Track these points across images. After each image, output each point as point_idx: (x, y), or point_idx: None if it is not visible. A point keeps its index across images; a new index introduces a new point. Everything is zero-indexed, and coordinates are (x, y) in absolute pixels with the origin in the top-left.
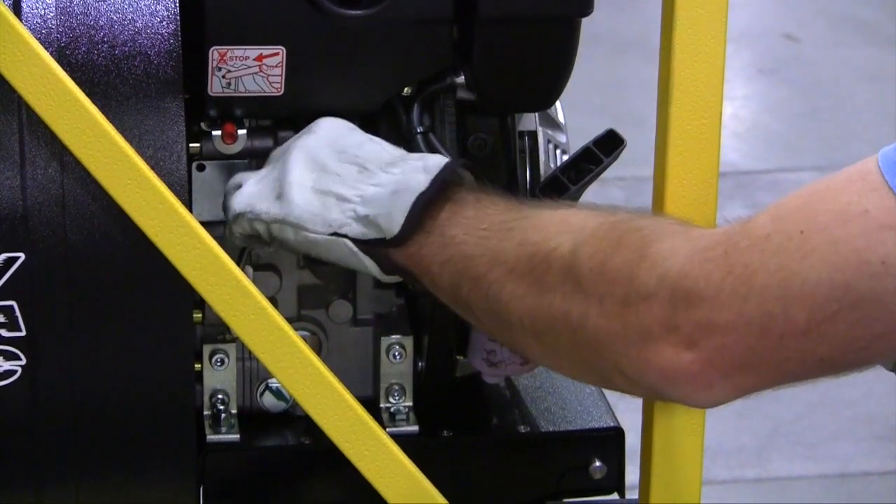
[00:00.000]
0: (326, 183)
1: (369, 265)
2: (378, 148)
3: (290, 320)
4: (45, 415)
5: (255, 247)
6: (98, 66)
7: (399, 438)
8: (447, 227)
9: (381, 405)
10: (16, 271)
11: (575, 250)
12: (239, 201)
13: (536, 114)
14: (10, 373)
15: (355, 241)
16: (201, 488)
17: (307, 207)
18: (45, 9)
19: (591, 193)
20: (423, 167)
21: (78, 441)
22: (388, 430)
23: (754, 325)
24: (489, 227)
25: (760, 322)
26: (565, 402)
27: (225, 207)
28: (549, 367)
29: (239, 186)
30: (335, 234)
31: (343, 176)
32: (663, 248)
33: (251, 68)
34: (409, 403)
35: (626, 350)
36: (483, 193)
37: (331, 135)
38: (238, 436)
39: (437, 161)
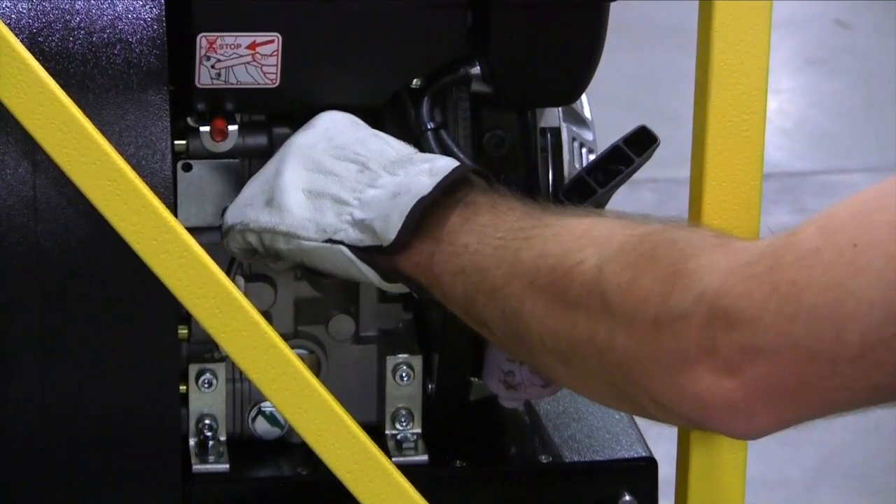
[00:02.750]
0: (322, 184)
1: (368, 274)
2: (382, 145)
3: (285, 337)
4: (14, 440)
5: (260, 263)
6: (74, 55)
7: (407, 469)
8: (459, 235)
9: (387, 432)
10: None
11: (601, 265)
12: (230, 212)
13: (560, 108)
14: None
15: (352, 248)
16: None
17: (299, 212)
18: None
19: (621, 197)
20: (430, 169)
21: (51, 470)
22: (394, 459)
23: (802, 349)
24: (505, 236)
25: (809, 345)
26: (592, 429)
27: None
28: (574, 391)
29: None
30: (330, 240)
31: (341, 176)
32: (700, 264)
33: (243, 57)
34: (418, 430)
35: (659, 375)
36: (498, 197)
37: (330, 130)
38: (227, 465)
39: (446, 164)
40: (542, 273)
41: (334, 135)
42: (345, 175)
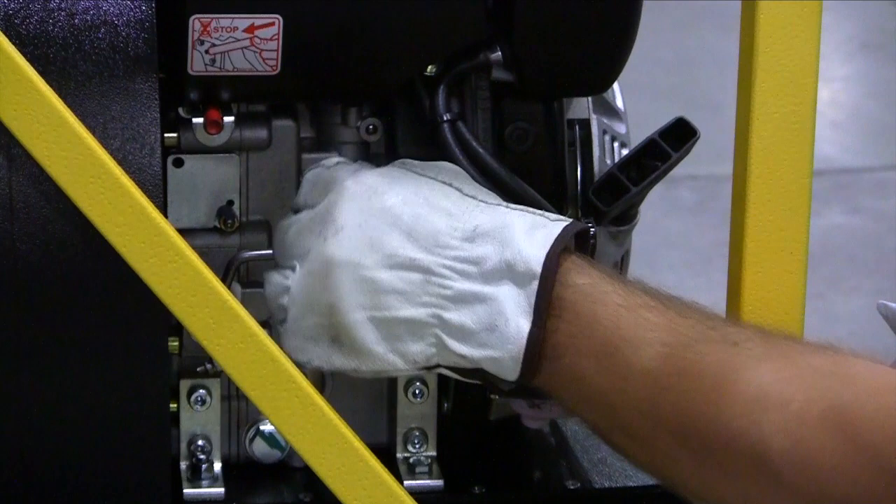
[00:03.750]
0: (389, 307)
1: (472, 381)
2: (433, 226)
3: None
4: None
5: None
6: (54, 39)
7: (420, 495)
8: (567, 355)
9: (399, 454)
10: None
11: (768, 434)
12: (292, 345)
13: (589, 98)
14: None
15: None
16: None
17: (377, 350)
18: None
19: (656, 196)
20: (511, 274)
21: (29, 497)
22: (406, 484)
23: None
24: (629, 377)
25: None
26: None
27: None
28: None
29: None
30: (424, 367)
31: (406, 292)
32: (873, 430)
33: (241, 42)
34: (433, 452)
35: None
36: (597, 304)
37: (365, 231)
38: (222, 490)
39: (528, 265)
40: (693, 435)
41: (373, 237)
42: (409, 290)
